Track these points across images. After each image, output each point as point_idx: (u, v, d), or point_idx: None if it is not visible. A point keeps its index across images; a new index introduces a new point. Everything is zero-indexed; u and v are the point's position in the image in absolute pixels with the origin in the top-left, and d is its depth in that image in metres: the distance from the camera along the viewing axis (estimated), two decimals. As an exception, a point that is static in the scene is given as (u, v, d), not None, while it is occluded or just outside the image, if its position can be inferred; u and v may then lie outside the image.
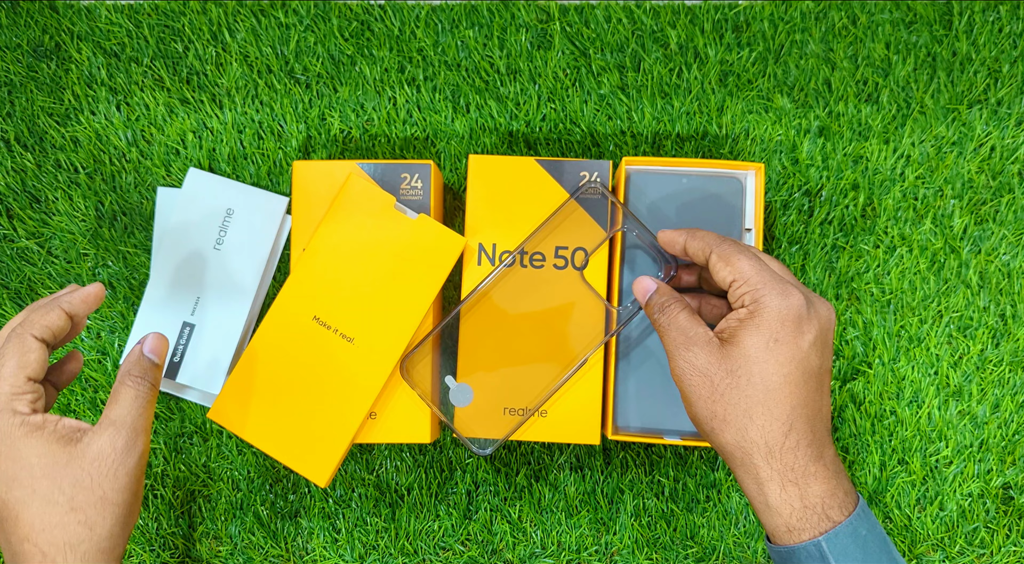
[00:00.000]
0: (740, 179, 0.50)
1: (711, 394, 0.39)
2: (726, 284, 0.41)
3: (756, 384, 0.38)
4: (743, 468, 0.38)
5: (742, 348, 0.38)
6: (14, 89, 0.58)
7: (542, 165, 0.50)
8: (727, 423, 0.38)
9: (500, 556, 0.55)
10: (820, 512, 0.37)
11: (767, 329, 0.38)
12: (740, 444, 0.38)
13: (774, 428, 0.37)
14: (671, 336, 0.41)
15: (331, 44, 0.57)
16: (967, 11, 0.56)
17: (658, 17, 0.57)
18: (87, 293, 0.44)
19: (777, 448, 0.37)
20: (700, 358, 0.39)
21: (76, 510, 0.38)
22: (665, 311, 0.42)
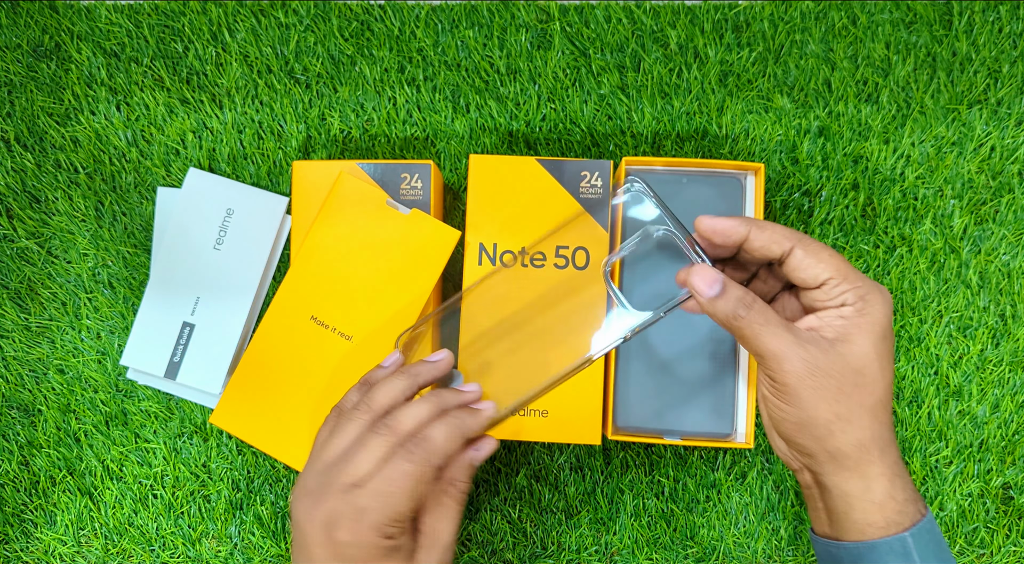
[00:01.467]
0: (740, 179, 0.50)
1: (837, 395, 0.36)
2: (816, 281, 0.38)
3: (879, 382, 0.37)
4: (855, 469, 0.37)
5: (860, 347, 0.37)
6: (14, 89, 0.58)
7: (543, 165, 0.50)
8: (851, 423, 0.37)
9: (500, 556, 0.55)
10: (914, 503, 0.37)
11: (880, 327, 0.37)
12: (862, 443, 0.37)
13: (888, 424, 0.37)
14: (778, 334, 0.37)
15: (331, 44, 0.57)
16: (967, 11, 0.56)
17: (658, 17, 0.57)
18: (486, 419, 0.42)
19: (889, 444, 0.37)
20: (821, 358, 0.36)
21: None
22: (754, 307, 0.37)
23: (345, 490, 0.37)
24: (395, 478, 0.37)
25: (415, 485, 0.37)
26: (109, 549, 0.55)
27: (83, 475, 0.56)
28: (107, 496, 0.56)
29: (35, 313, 0.57)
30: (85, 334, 0.56)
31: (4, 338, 0.56)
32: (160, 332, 0.54)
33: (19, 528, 0.56)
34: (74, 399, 0.56)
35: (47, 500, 0.56)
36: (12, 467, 0.56)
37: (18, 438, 0.56)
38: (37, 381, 0.56)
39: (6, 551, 0.56)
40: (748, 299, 0.37)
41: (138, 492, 0.56)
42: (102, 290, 0.56)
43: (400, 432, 0.38)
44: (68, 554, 0.55)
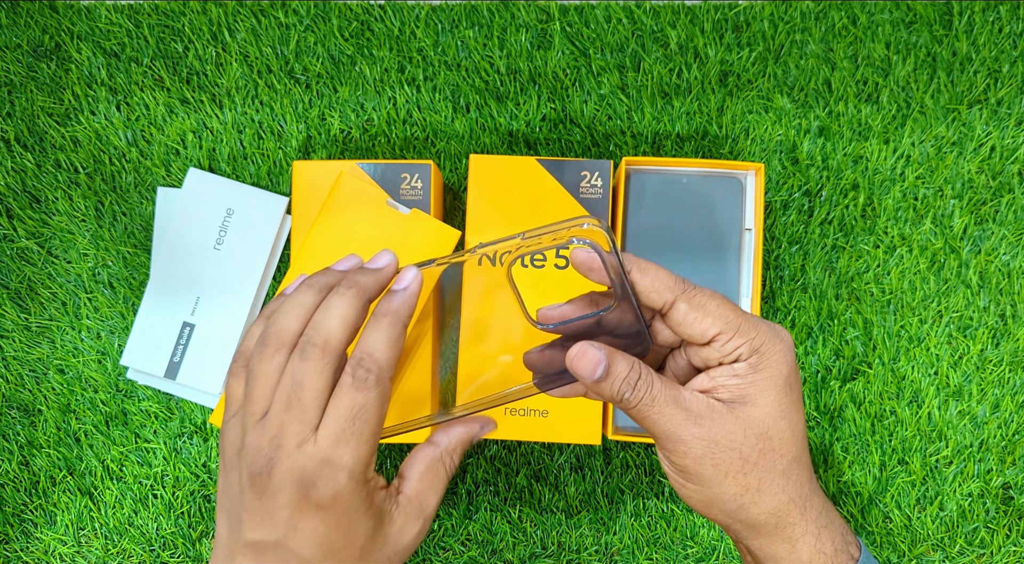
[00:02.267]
0: (740, 179, 0.50)
1: (743, 466, 0.33)
2: (704, 337, 0.34)
3: (788, 441, 0.34)
4: (775, 533, 0.35)
5: (761, 407, 0.34)
6: (14, 89, 0.58)
7: (543, 165, 0.50)
8: (762, 492, 0.34)
9: (500, 556, 0.55)
10: (845, 552, 0.35)
11: (780, 379, 0.34)
12: (776, 509, 0.34)
13: (805, 478, 0.35)
14: (663, 413, 0.33)
15: (331, 44, 0.57)
16: (967, 11, 0.56)
17: (658, 17, 0.57)
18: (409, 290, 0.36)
19: (808, 496, 0.35)
20: (719, 431, 0.33)
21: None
22: (640, 387, 0.33)
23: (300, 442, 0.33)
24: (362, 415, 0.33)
25: (381, 414, 0.34)
26: (109, 549, 0.55)
27: (83, 475, 0.56)
28: (107, 496, 0.56)
29: (35, 313, 0.57)
30: (85, 334, 0.56)
31: (4, 338, 0.56)
32: (160, 332, 0.54)
33: (19, 528, 0.56)
34: (74, 399, 0.56)
35: (47, 500, 0.56)
36: (12, 467, 0.56)
37: (18, 438, 0.56)
38: (37, 381, 0.56)
39: (6, 551, 0.56)
40: (633, 377, 0.34)
41: (138, 492, 0.56)
42: (102, 290, 0.57)
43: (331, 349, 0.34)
44: (68, 554, 0.55)
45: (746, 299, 0.50)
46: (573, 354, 0.33)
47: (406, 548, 0.36)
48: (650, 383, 0.33)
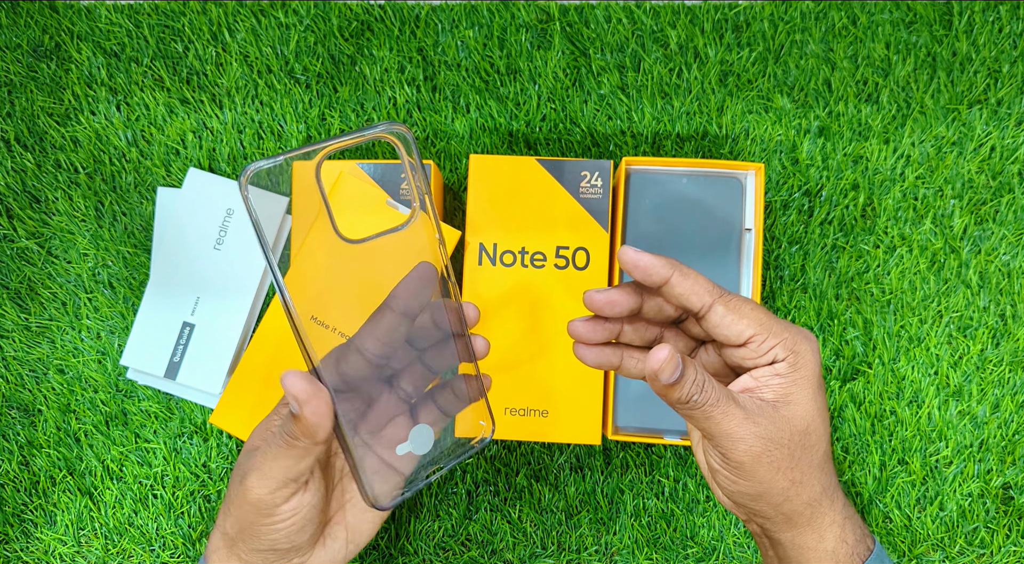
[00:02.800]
0: (740, 179, 0.50)
1: (791, 462, 0.36)
2: (740, 338, 0.36)
3: (822, 436, 0.36)
4: (808, 524, 0.37)
5: (802, 407, 0.36)
6: (14, 89, 0.58)
7: (543, 165, 0.50)
8: (804, 485, 0.36)
9: (500, 556, 0.55)
10: (863, 542, 0.37)
11: (815, 379, 0.36)
12: (813, 500, 0.36)
13: (833, 471, 0.37)
14: (727, 413, 0.35)
15: (331, 44, 0.57)
16: (967, 11, 0.56)
17: (658, 17, 0.57)
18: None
19: (836, 488, 0.37)
20: (772, 429, 0.35)
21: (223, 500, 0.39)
22: (705, 389, 0.35)
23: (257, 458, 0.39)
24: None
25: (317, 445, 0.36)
26: (109, 549, 0.55)
27: (83, 475, 0.56)
28: (107, 496, 0.56)
29: (35, 313, 0.57)
30: (85, 334, 0.56)
31: (4, 338, 0.56)
32: (160, 332, 0.54)
33: (19, 528, 0.56)
34: (74, 399, 0.56)
35: (47, 500, 0.56)
36: (12, 467, 0.56)
37: (18, 438, 0.56)
38: (37, 381, 0.56)
39: (6, 551, 0.56)
40: (700, 380, 0.35)
41: (138, 492, 0.56)
42: (102, 290, 0.56)
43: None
44: (68, 554, 0.55)
45: (746, 299, 0.50)
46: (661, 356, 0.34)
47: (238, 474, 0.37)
48: (714, 385, 0.35)
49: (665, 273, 0.36)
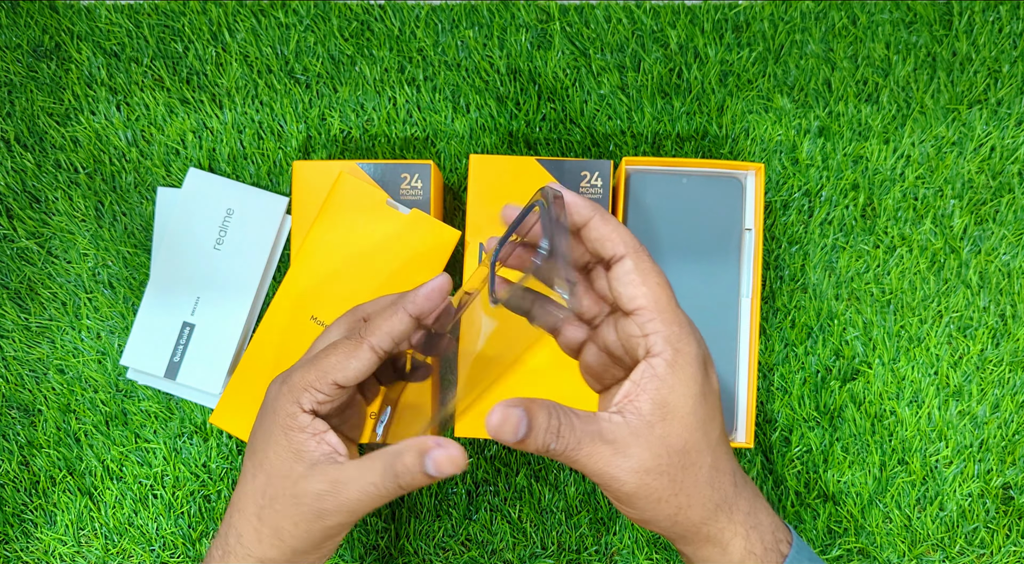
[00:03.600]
0: (740, 179, 0.50)
1: (672, 488, 0.33)
2: (631, 305, 0.33)
3: (704, 451, 0.33)
4: (707, 540, 0.35)
5: (677, 419, 0.33)
6: (14, 89, 0.58)
7: (543, 165, 0.50)
8: (692, 507, 0.34)
9: (500, 556, 0.55)
10: (776, 550, 0.35)
11: (692, 382, 0.33)
12: (705, 518, 0.34)
13: (726, 482, 0.34)
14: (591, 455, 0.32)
15: (331, 44, 0.57)
16: (967, 11, 0.56)
17: (658, 17, 0.57)
18: (431, 288, 0.37)
19: (732, 500, 0.34)
20: (645, 458, 0.32)
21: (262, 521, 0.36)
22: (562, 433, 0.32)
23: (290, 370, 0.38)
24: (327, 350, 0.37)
25: (343, 358, 0.36)
26: (109, 549, 0.55)
27: (83, 475, 0.56)
28: (107, 496, 0.56)
29: (35, 313, 0.57)
30: (85, 334, 0.56)
31: (4, 338, 0.56)
32: (160, 332, 0.54)
33: (19, 528, 0.56)
34: (74, 399, 0.56)
35: (47, 500, 0.56)
36: (12, 467, 0.56)
37: (18, 438, 0.56)
38: (37, 381, 0.56)
39: (6, 551, 0.56)
40: (554, 425, 0.32)
41: (138, 492, 0.56)
42: (102, 290, 0.57)
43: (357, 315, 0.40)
44: (68, 554, 0.55)
45: (746, 299, 0.50)
46: (493, 422, 0.31)
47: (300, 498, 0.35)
48: (571, 425, 0.32)
49: (587, 214, 0.35)
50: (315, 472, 0.36)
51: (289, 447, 0.36)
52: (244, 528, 0.37)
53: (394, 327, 0.37)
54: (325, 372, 0.36)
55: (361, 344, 0.37)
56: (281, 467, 0.36)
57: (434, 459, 0.33)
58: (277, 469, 0.36)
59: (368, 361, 0.36)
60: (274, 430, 0.37)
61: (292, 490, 0.36)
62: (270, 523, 0.36)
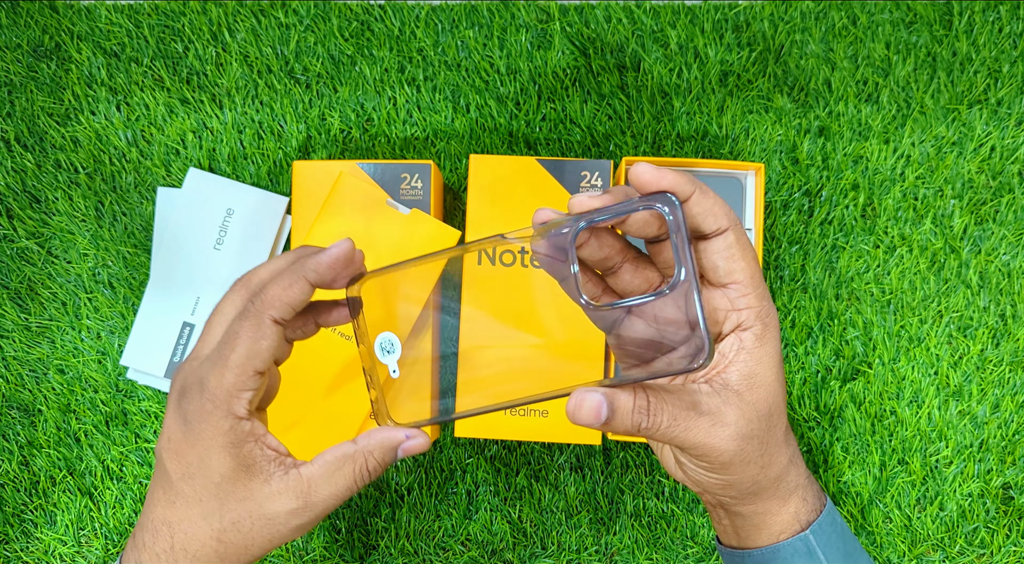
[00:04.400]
0: (740, 179, 0.50)
1: (760, 450, 0.34)
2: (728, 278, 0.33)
3: (781, 412, 0.34)
4: (771, 496, 0.36)
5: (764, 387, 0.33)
6: (14, 89, 0.58)
7: (543, 165, 0.50)
8: (771, 466, 0.35)
9: (500, 556, 0.55)
10: (818, 499, 0.37)
11: (777, 356, 0.34)
12: (779, 475, 0.35)
13: (792, 437, 0.36)
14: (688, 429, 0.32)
15: (331, 44, 0.57)
16: (967, 11, 0.56)
17: (658, 17, 0.57)
18: (334, 255, 0.34)
19: (795, 453, 0.36)
20: (740, 425, 0.33)
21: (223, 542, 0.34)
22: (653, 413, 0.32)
23: (194, 359, 0.35)
24: (230, 340, 0.33)
25: (251, 343, 0.33)
26: (109, 549, 0.55)
27: (83, 475, 0.56)
28: (107, 496, 0.56)
29: (35, 313, 0.57)
30: (85, 334, 0.56)
31: (4, 338, 0.56)
32: (160, 332, 0.54)
33: (19, 528, 0.56)
34: (74, 399, 0.56)
35: (47, 500, 0.56)
36: (12, 467, 0.56)
37: (18, 438, 0.56)
38: (37, 381, 0.56)
39: (6, 551, 0.56)
40: (642, 404, 0.32)
41: (138, 492, 0.56)
42: (102, 290, 0.57)
43: (251, 287, 0.35)
44: (68, 554, 0.55)
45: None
46: (572, 408, 0.31)
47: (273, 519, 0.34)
48: (662, 401, 0.32)
49: (689, 189, 0.33)
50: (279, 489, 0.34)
51: (237, 466, 0.34)
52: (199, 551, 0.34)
53: (294, 297, 0.34)
54: (242, 367, 0.33)
55: (262, 321, 0.33)
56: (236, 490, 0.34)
57: (405, 450, 0.35)
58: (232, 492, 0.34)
59: (275, 336, 0.34)
60: (213, 450, 0.34)
61: (260, 512, 0.34)
62: (237, 543, 0.34)
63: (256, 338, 0.33)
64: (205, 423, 0.33)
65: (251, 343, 0.33)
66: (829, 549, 0.36)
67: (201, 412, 0.33)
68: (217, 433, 0.33)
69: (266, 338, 0.33)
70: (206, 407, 0.33)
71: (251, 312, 0.34)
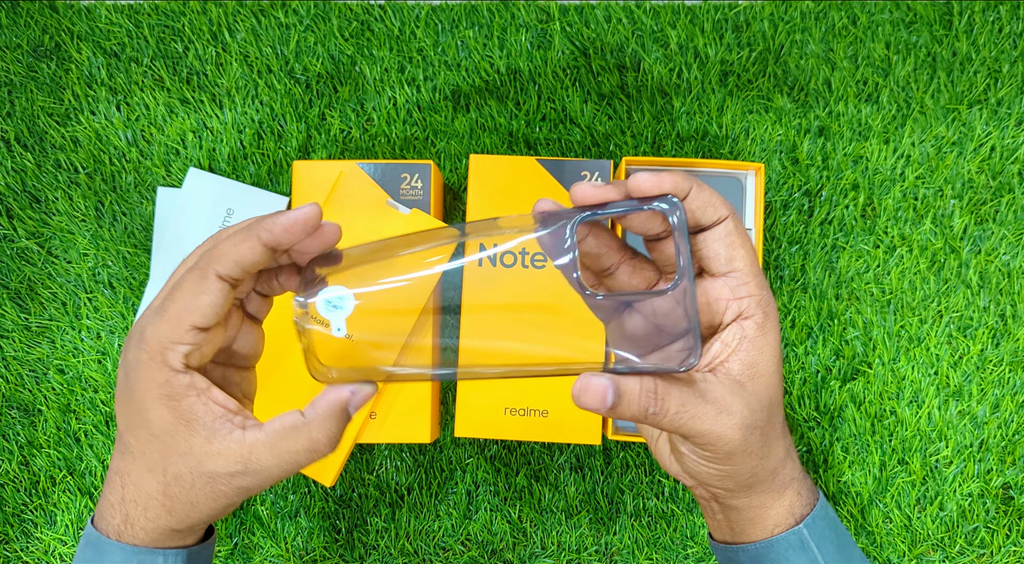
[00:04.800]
0: (740, 179, 0.50)
1: (762, 441, 0.34)
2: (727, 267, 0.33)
3: (779, 401, 0.35)
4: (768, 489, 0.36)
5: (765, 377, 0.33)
6: (14, 89, 0.58)
7: (543, 165, 0.50)
8: (769, 457, 0.35)
9: (500, 556, 0.55)
10: (813, 495, 0.37)
11: (777, 346, 0.34)
12: (775, 467, 0.35)
13: (786, 428, 0.36)
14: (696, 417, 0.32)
15: (331, 44, 0.57)
16: (967, 11, 0.56)
17: (658, 17, 0.57)
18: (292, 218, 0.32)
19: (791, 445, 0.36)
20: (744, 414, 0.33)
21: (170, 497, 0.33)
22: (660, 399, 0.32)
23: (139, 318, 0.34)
24: (172, 292, 0.32)
25: (190, 297, 0.32)
26: (109, 549, 0.55)
27: (83, 475, 0.56)
28: (107, 496, 0.56)
29: (35, 313, 0.57)
30: (85, 334, 0.56)
31: (4, 338, 0.56)
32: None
33: (19, 528, 0.56)
34: (74, 399, 0.56)
35: (47, 500, 0.56)
36: (12, 467, 0.56)
37: (18, 438, 0.56)
38: (37, 381, 0.56)
39: (6, 551, 0.56)
40: (649, 387, 0.32)
41: (138, 492, 0.56)
42: (102, 290, 0.57)
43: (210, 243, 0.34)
44: (68, 554, 0.55)
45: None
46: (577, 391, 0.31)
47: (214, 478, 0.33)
48: (669, 388, 0.32)
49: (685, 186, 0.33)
50: (220, 448, 0.32)
51: (176, 419, 0.32)
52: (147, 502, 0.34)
53: (243, 255, 0.32)
54: (178, 319, 0.32)
55: (206, 274, 0.32)
56: (176, 444, 0.33)
57: (355, 406, 0.34)
58: (172, 446, 0.33)
59: (219, 293, 0.32)
60: (149, 402, 0.32)
61: (200, 469, 0.33)
62: (183, 498, 0.33)
63: (196, 292, 0.32)
64: (140, 374, 0.32)
65: (191, 297, 0.32)
66: (823, 543, 0.36)
67: (137, 363, 0.32)
68: (152, 385, 0.32)
69: (207, 293, 0.32)
70: (141, 358, 0.32)
71: (199, 266, 0.33)
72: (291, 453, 0.33)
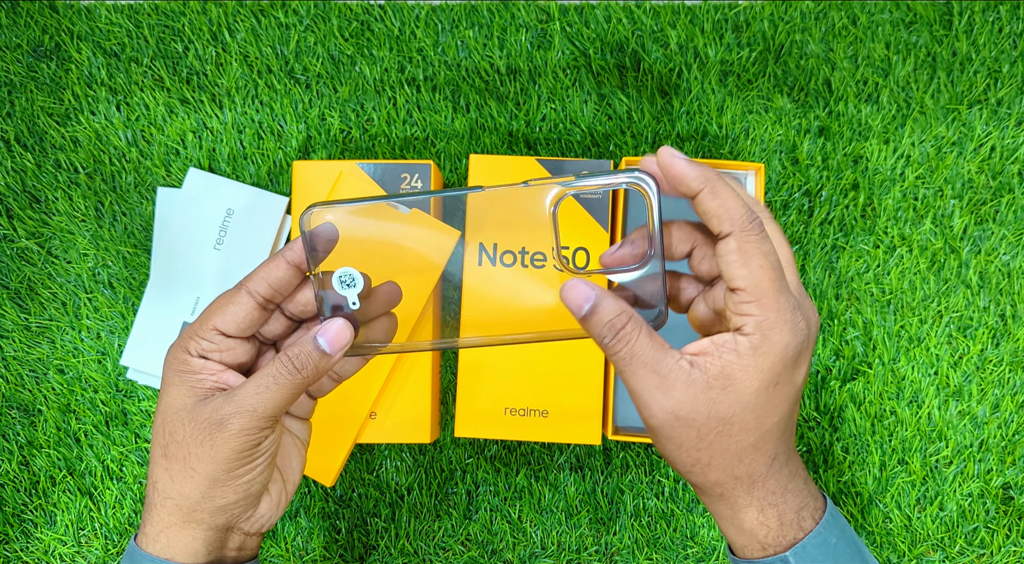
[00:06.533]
0: (740, 179, 0.50)
1: (696, 443, 0.33)
2: (729, 282, 0.33)
3: (750, 431, 0.33)
4: (720, 498, 0.35)
5: (737, 392, 0.33)
6: (14, 89, 0.58)
7: (543, 165, 0.50)
8: (711, 467, 0.34)
9: (500, 556, 0.55)
10: (796, 525, 0.35)
11: (769, 371, 0.32)
12: (722, 482, 0.35)
13: (760, 462, 0.35)
14: (636, 373, 0.33)
15: (331, 44, 0.57)
16: (967, 11, 0.56)
17: (658, 17, 0.57)
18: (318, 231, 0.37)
19: (760, 478, 0.35)
20: (683, 405, 0.33)
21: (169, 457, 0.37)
22: (622, 336, 0.33)
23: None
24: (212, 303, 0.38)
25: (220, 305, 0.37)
26: (109, 549, 0.55)
27: (83, 475, 0.56)
28: (107, 496, 0.56)
29: (35, 313, 0.57)
30: (85, 334, 0.56)
31: (4, 338, 0.56)
32: (160, 332, 0.54)
33: (19, 528, 0.56)
34: (74, 399, 0.56)
35: (47, 500, 0.56)
36: (12, 467, 0.56)
37: (18, 438, 0.56)
38: (37, 381, 0.56)
39: (6, 551, 0.56)
40: (618, 323, 0.33)
41: (138, 492, 0.56)
42: (102, 290, 0.57)
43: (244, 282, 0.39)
44: (68, 554, 0.55)
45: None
46: (566, 288, 0.34)
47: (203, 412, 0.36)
48: (634, 337, 0.33)
49: (695, 186, 0.33)
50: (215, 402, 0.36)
51: (183, 387, 0.37)
52: (158, 475, 0.37)
53: (270, 272, 0.37)
54: (205, 319, 0.37)
55: (239, 290, 0.37)
56: (176, 403, 0.37)
57: (324, 336, 0.36)
58: (173, 407, 0.37)
59: (246, 305, 0.37)
60: (168, 378, 0.37)
61: (189, 416, 0.36)
62: (177, 455, 0.36)
63: (226, 301, 0.37)
64: (168, 359, 0.38)
65: (220, 303, 0.37)
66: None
67: (168, 351, 0.38)
68: (173, 364, 0.37)
69: (235, 304, 0.37)
70: (173, 345, 0.38)
71: (236, 285, 0.38)
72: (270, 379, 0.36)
